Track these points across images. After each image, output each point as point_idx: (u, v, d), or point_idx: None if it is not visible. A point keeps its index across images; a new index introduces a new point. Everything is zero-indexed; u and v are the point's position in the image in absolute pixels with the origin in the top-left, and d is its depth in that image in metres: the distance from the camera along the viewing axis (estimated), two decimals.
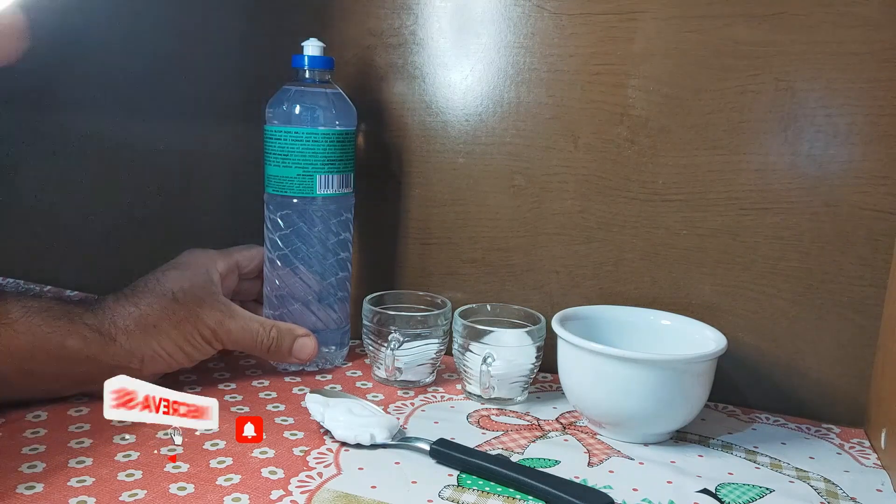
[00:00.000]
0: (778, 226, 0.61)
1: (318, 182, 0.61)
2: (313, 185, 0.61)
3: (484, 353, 0.59)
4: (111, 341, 0.54)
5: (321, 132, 0.61)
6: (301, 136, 0.60)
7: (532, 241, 0.69)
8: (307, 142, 0.60)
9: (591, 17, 0.63)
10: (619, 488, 0.48)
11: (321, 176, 0.61)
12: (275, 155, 0.61)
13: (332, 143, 0.61)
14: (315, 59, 0.62)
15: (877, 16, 0.56)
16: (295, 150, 0.60)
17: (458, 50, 0.68)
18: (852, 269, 0.59)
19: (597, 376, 0.54)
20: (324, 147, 0.61)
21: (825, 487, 0.49)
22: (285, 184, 0.61)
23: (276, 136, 0.61)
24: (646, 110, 0.63)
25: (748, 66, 0.60)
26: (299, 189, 0.61)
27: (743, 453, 0.54)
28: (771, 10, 0.58)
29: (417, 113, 0.70)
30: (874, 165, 0.58)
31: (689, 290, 0.64)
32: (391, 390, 0.63)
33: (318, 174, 0.61)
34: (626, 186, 0.65)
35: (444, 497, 0.45)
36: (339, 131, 0.62)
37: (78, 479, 0.45)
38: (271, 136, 0.61)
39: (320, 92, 0.63)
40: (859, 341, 0.60)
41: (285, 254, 0.63)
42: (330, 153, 0.61)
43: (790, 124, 0.59)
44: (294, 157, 0.60)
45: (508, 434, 0.55)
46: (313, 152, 0.61)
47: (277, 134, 0.61)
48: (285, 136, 0.60)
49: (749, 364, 0.63)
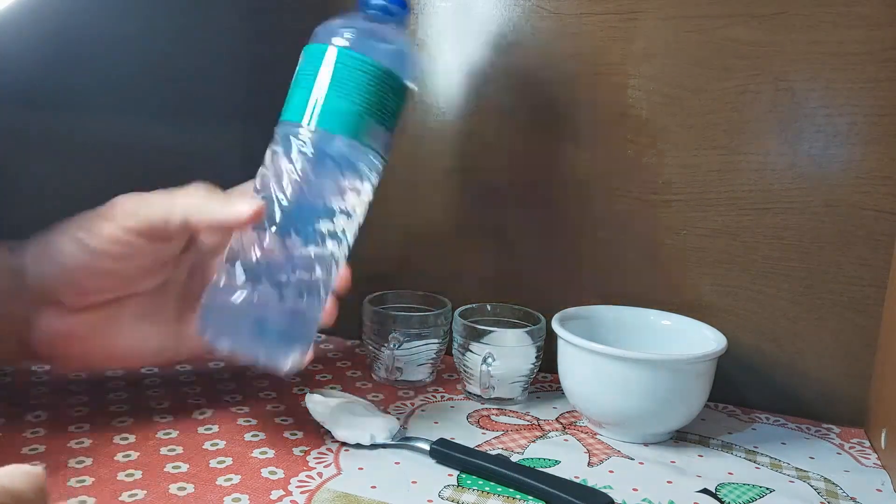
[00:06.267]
0: (778, 226, 0.61)
1: (371, 130, 0.50)
2: (365, 128, 0.49)
3: (484, 353, 0.59)
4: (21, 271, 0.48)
5: (402, 82, 0.51)
6: (380, 75, 0.49)
7: (532, 241, 0.69)
8: (384, 84, 0.49)
9: (591, 17, 0.63)
10: (619, 488, 0.48)
11: (377, 124, 0.50)
12: (336, 83, 0.49)
13: (402, 99, 0.51)
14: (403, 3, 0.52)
15: (877, 16, 0.56)
16: (364, 85, 0.48)
17: (458, 50, 0.68)
18: (852, 269, 0.59)
19: (597, 376, 0.54)
20: (397, 99, 0.51)
21: (825, 487, 0.49)
22: (333, 119, 0.48)
23: (346, 62, 0.48)
24: (646, 110, 0.63)
25: (748, 66, 0.60)
26: (347, 128, 0.48)
27: (743, 453, 0.54)
28: (771, 10, 0.58)
29: (417, 113, 0.70)
30: (874, 165, 0.58)
31: (689, 290, 0.64)
32: (391, 390, 0.63)
33: (377, 122, 0.50)
34: (627, 186, 0.65)
35: (444, 497, 0.45)
36: (411, 91, 0.52)
37: (78, 480, 0.45)
38: (339, 61, 0.49)
39: (406, 40, 0.53)
40: (859, 341, 0.60)
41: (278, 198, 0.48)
42: (397, 106, 0.51)
43: (790, 124, 0.59)
44: (360, 92, 0.48)
45: (508, 434, 0.55)
46: (385, 97, 0.50)
47: (349, 60, 0.48)
48: (360, 65, 0.48)
49: (749, 364, 0.63)
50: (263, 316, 0.47)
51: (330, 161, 0.48)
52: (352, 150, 0.49)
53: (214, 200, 0.47)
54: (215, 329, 0.47)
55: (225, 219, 0.46)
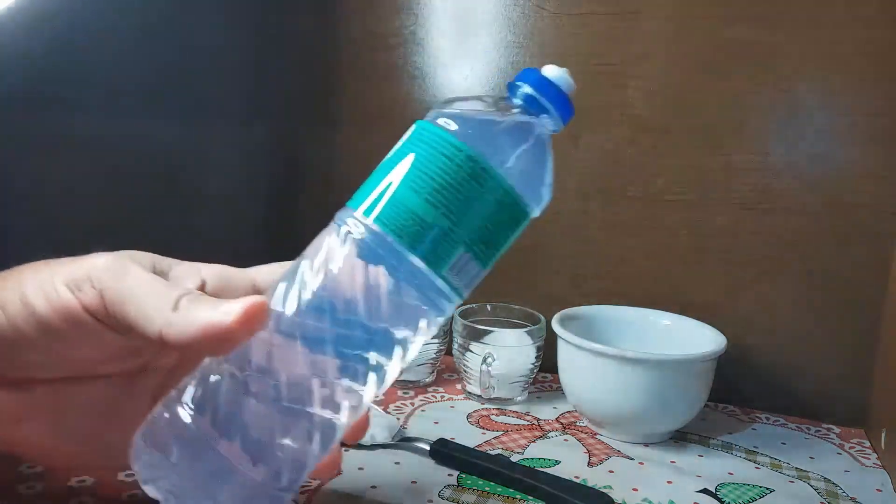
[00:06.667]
0: (778, 226, 0.61)
1: (457, 258, 0.33)
2: (447, 256, 0.33)
3: (484, 353, 0.59)
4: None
5: (522, 205, 0.35)
6: (492, 185, 0.33)
7: (532, 241, 0.69)
8: (495, 200, 0.33)
9: (591, 17, 0.63)
10: (619, 488, 0.48)
11: (465, 253, 0.33)
12: (423, 179, 0.32)
13: (516, 225, 0.36)
14: (567, 105, 0.37)
15: (877, 16, 0.56)
16: (469, 194, 0.32)
17: (458, 50, 0.68)
18: (852, 269, 0.59)
19: (597, 376, 0.54)
20: (510, 224, 0.35)
21: (825, 487, 0.49)
22: (408, 225, 0.32)
23: (453, 156, 0.32)
24: (646, 110, 0.63)
25: (748, 66, 0.60)
26: (422, 247, 0.32)
27: (743, 453, 0.54)
28: (771, 10, 0.58)
29: (417, 113, 0.69)
30: (874, 165, 0.58)
31: (689, 290, 0.64)
32: (391, 390, 0.63)
33: (467, 248, 0.33)
34: (627, 186, 0.65)
35: (444, 497, 0.45)
36: (530, 216, 0.37)
37: (78, 480, 0.44)
38: (444, 151, 0.33)
39: (547, 154, 0.36)
40: (859, 341, 0.60)
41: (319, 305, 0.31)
42: (503, 235, 0.35)
43: (790, 124, 0.59)
44: (457, 203, 0.32)
45: (508, 434, 0.55)
46: (488, 218, 0.33)
47: (456, 156, 0.32)
48: (470, 168, 0.32)
49: (749, 364, 0.63)
50: (230, 468, 0.30)
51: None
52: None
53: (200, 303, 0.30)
54: (153, 470, 0.31)
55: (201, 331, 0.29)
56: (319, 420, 0.32)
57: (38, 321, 0.31)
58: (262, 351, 0.31)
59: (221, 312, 0.29)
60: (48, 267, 0.33)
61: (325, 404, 0.32)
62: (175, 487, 0.31)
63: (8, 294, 0.31)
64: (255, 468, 0.30)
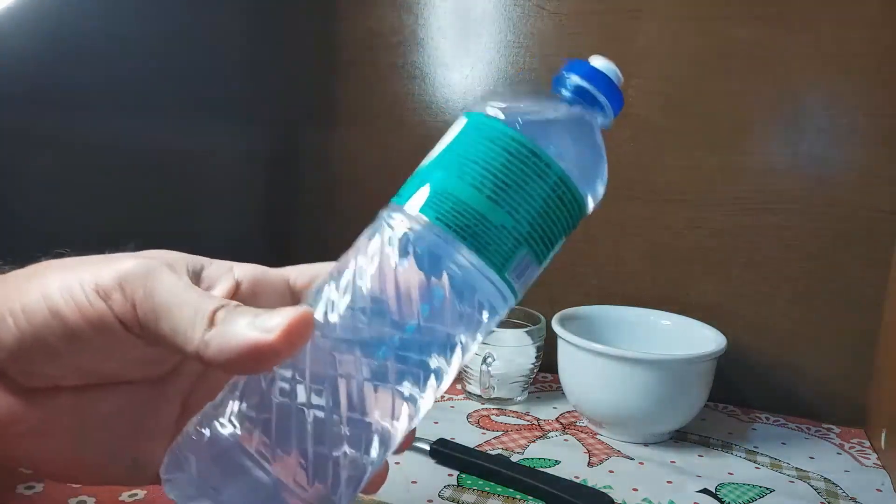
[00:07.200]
0: (778, 226, 0.61)
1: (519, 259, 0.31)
2: (510, 256, 0.31)
3: (484, 353, 0.59)
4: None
5: (582, 201, 0.34)
6: (555, 181, 0.31)
7: None
8: (557, 196, 0.32)
9: (591, 17, 0.63)
10: (619, 488, 0.48)
11: (527, 253, 0.31)
12: (485, 175, 0.30)
13: (574, 222, 0.34)
14: (618, 96, 0.36)
15: (877, 16, 0.56)
16: (532, 191, 0.31)
17: (458, 50, 0.68)
18: (852, 269, 0.59)
19: (597, 376, 0.54)
20: (569, 221, 0.34)
21: (825, 487, 0.49)
22: (471, 224, 0.30)
23: (516, 152, 0.30)
24: (646, 110, 0.63)
25: (748, 66, 0.60)
26: (486, 248, 0.30)
27: (743, 453, 0.54)
28: (771, 10, 0.58)
29: (417, 113, 0.70)
30: (874, 165, 0.58)
31: (689, 290, 0.64)
32: None
33: (528, 247, 0.31)
34: (627, 186, 0.65)
35: (444, 497, 0.45)
36: (586, 208, 0.35)
37: None
38: (506, 147, 0.30)
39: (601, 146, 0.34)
40: (859, 341, 0.60)
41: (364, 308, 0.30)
42: (561, 233, 0.34)
43: (790, 124, 0.59)
44: (521, 201, 0.30)
45: (508, 434, 0.55)
46: (549, 216, 0.32)
47: (520, 152, 0.30)
48: (535, 163, 0.30)
49: (749, 364, 0.63)
50: (279, 487, 0.28)
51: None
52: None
53: (240, 315, 0.28)
54: (187, 490, 0.29)
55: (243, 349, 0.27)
56: (379, 429, 0.30)
57: (66, 331, 0.29)
58: (314, 358, 0.29)
59: (262, 330, 0.27)
60: (72, 271, 0.31)
61: (383, 413, 0.30)
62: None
63: (32, 300, 0.30)
64: (309, 485, 0.28)
